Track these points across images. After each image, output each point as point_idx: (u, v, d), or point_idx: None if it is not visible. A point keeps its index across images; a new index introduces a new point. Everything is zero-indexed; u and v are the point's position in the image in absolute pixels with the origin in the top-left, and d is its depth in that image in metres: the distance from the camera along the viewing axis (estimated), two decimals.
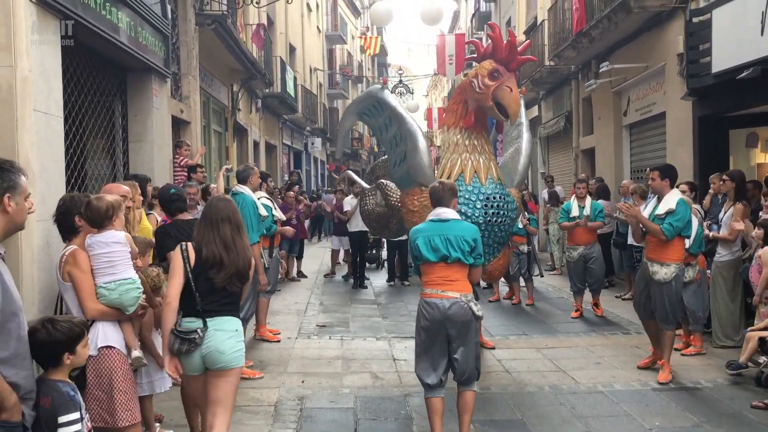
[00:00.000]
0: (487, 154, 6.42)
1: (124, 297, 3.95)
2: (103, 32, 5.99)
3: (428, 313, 4.56)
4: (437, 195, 4.77)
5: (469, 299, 4.58)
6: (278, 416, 5.35)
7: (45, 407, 3.01)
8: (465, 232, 4.63)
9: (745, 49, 7.54)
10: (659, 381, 6.08)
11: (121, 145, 7.36)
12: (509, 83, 6.04)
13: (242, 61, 12.62)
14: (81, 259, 3.95)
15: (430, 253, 4.58)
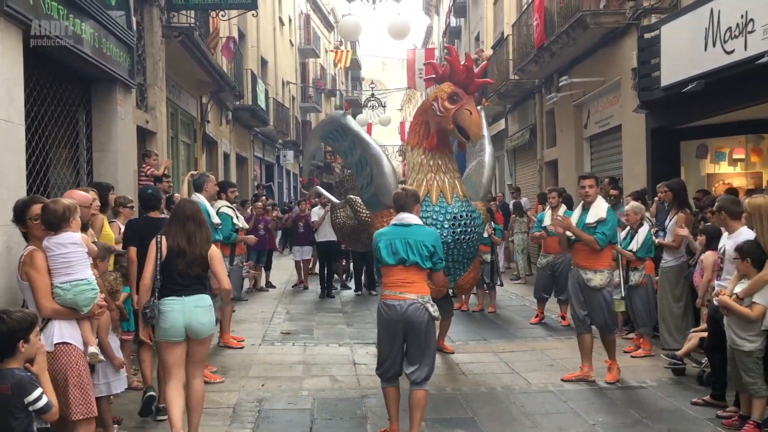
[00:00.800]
0: (451, 173, 6.55)
1: (79, 297, 4.08)
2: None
3: (386, 313, 4.77)
4: (401, 201, 4.97)
5: (426, 301, 4.75)
6: (236, 417, 5.48)
7: (6, 394, 3.15)
8: (425, 237, 4.81)
9: (690, 64, 7.90)
10: (607, 381, 6.26)
11: (85, 154, 7.47)
12: (468, 106, 6.17)
13: (211, 73, 12.77)
14: (37, 260, 4.08)
15: (390, 257, 4.77)
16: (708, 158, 9.90)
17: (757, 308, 4.85)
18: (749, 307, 4.89)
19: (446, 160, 6.57)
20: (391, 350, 4.84)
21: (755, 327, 4.91)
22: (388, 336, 4.83)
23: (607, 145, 12.16)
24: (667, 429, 5.13)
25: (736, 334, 5.01)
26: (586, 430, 5.18)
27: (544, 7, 12.64)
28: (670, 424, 5.23)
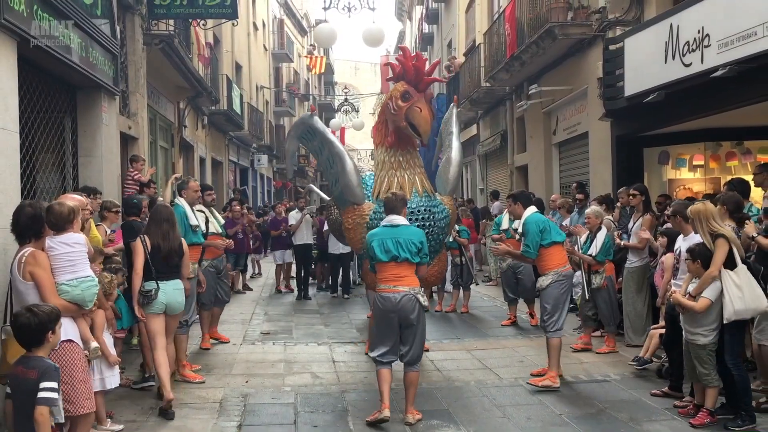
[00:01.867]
0: (413, 168, 6.87)
1: (86, 293, 4.32)
2: (56, 52, 6.33)
3: (382, 304, 5.38)
4: (391, 204, 5.59)
5: (417, 292, 5.40)
6: (223, 411, 5.75)
7: (31, 379, 3.43)
8: (413, 236, 5.48)
9: (651, 75, 8.34)
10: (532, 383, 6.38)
11: (71, 159, 7.66)
12: (419, 104, 6.50)
13: (189, 79, 12.98)
14: (42, 259, 4.31)
15: (383, 254, 5.40)
16: (669, 164, 10.38)
17: (702, 301, 5.25)
18: (699, 301, 5.29)
19: (408, 156, 6.89)
20: (387, 337, 5.41)
21: (708, 322, 5.31)
22: (385, 324, 5.41)
23: (575, 151, 12.62)
24: (628, 417, 5.51)
25: (691, 329, 5.41)
26: (553, 419, 5.54)
27: (515, 18, 13.08)
28: (630, 413, 5.61)
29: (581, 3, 11.11)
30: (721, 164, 9.98)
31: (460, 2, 21.88)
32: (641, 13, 9.96)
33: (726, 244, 5.20)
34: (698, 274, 5.33)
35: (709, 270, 5.25)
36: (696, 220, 5.39)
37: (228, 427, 5.37)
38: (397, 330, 5.41)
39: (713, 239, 5.24)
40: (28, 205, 4.53)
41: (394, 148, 6.90)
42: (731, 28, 6.83)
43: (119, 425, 5.26)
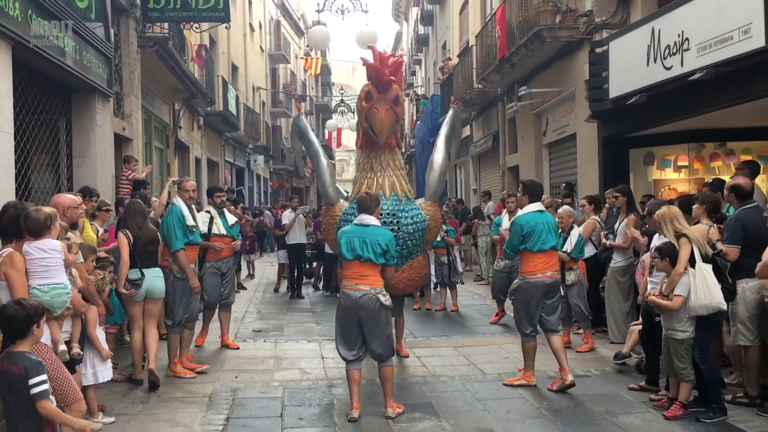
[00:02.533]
0: (388, 170, 6.80)
1: (55, 300, 4.44)
2: (50, 56, 6.50)
3: (344, 301, 5.51)
4: (364, 204, 5.65)
5: (378, 291, 5.45)
6: (212, 405, 5.91)
7: (15, 374, 3.57)
8: (379, 237, 5.52)
9: (634, 78, 8.52)
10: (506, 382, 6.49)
11: (65, 160, 7.83)
12: (378, 105, 6.46)
13: (183, 81, 13.15)
14: (17, 261, 4.39)
15: (348, 252, 5.50)
16: (655, 165, 10.55)
17: (677, 299, 5.44)
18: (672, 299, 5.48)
19: (384, 158, 6.81)
20: (349, 334, 5.52)
21: (684, 318, 5.49)
22: (346, 321, 5.54)
23: (565, 152, 12.80)
24: (604, 410, 5.68)
25: (669, 325, 5.59)
26: (532, 412, 5.72)
27: (505, 20, 13.26)
28: (607, 407, 5.78)
29: (569, 6, 11.28)
30: (705, 165, 10.16)
31: (454, 4, 22.07)
32: (627, 16, 10.14)
33: (688, 244, 5.42)
34: (668, 272, 5.53)
35: (675, 268, 5.46)
36: (661, 222, 5.63)
37: (216, 419, 5.53)
38: (358, 327, 5.48)
39: (677, 239, 5.46)
40: (12, 206, 4.64)
41: (368, 149, 6.89)
42: (709, 32, 7.01)
43: (110, 417, 5.42)
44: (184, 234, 6.75)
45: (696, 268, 5.43)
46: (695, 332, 5.50)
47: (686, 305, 5.45)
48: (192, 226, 6.95)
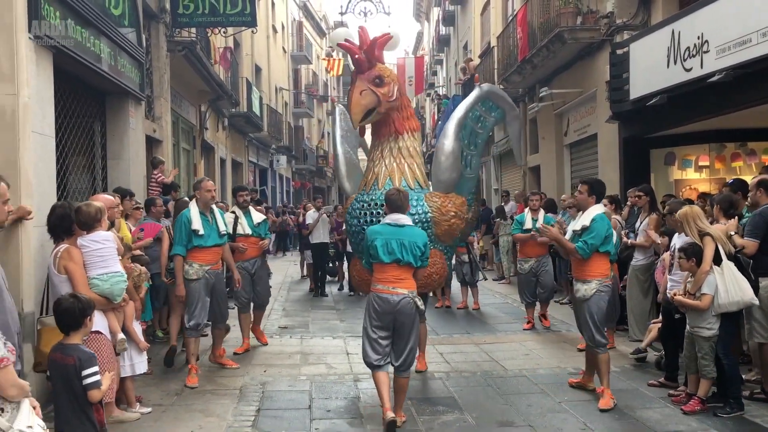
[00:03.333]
0: (401, 157, 6.39)
1: (115, 287, 4.73)
2: (88, 62, 6.76)
3: (379, 306, 5.22)
4: (396, 202, 5.36)
5: (414, 295, 5.26)
6: (243, 397, 6.15)
7: (70, 365, 3.82)
8: (417, 239, 5.31)
9: (654, 79, 8.63)
10: (600, 407, 5.73)
11: (100, 161, 8.11)
12: (352, 85, 6.26)
13: (210, 83, 13.44)
14: (75, 254, 4.76)
15: (386, 255, 5.22)
16: (676, 165, 10.64)
17: (705, 298, 5.58)
18: (699, 298, 5.62)
19: (389, 145, 6.41)
20: (380, 339, 5.27)
21: (710, 315, 5.63)
22: (379, 326, 5.26)
23: (586, 152, 12.90)
24: (623, 405, 5.82)
25: (695, 323, 5.72)
26: (553, 406, 5.88)
27: (526, 22, 13.39)
28: (626, 402, 5.93)
29: (590, 8, 11.40)
30: (727, 165, 10.22)
31: (476, 5, 22.19)
32: (648, 17, 10.25)
33: (713, 242, 5.55)
34: (694, 272, 5.66)
35: (701, 267, 5.59)
36: (684, 222, 5.74)
37: (248, 410, 5.77)
38: (390, 333, 5.29)
39: (701, 238, 5.59)
40: (59, 206, 5.00)
41: (374, 137, 6.57)
42: (728, 34, 7.11)
43: (147, 408, 5.68)
44: (188, 239, 6.60)
45: (722, 266, 5.56)
46: (719, 329, 5.63)
47: (713, 303, 5.59)
48: (196, 230, 6.61)
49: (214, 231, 6.79)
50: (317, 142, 41.23)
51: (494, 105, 7.04)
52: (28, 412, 3.00)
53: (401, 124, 6.43)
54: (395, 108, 6.37)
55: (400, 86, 6.45)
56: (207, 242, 6.70)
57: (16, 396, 2.97)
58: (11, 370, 2.91)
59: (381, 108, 6.24)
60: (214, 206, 6.96)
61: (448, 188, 6.56)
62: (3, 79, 5.24)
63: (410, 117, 6.57)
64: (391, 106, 6.30)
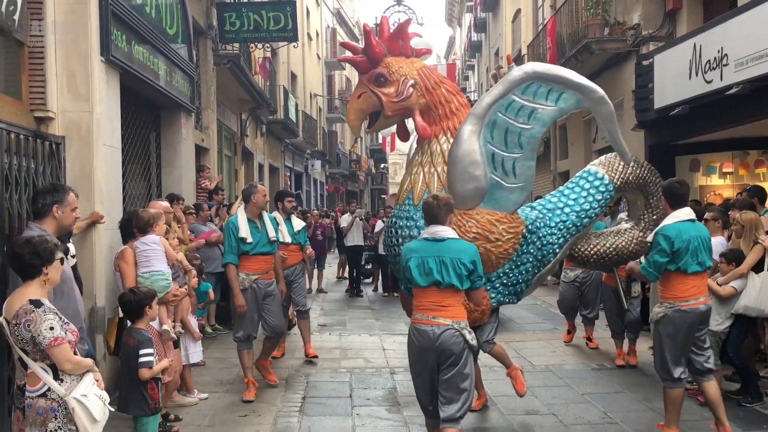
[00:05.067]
0: (420, 166, 5.40)
1: (155, 285, 5.27)
2: (148, 79, 7.41)
3: (417, 339, 4.29)
4: (433, 211, 4.40)
5: (463, 327, 4.23)
6: (289, 386, 6.73)
7: (131, 345, 4.44)
8: (462, 254, 4.26)
9: (677, 90, 8.99)
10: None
11: (155, 169, 8.76)
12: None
13: (251, 93, 14.10)
14: (127, 255, 5.40)
15: (422, 278, 4.26)
16: (700, 171, 10.95)
17: (728, 289, 6.00)
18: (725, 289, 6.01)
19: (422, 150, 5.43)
20: (423, 381, 4.42)
21: (726, 310, 6.02)
22: (419, 365, 4.39)
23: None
24: (642, 397, 6.28)
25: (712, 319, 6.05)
26: (576, 398, 6.34)
27: (555, 32, 13.80)
28: (645, 394, 6.37)
29: (617, 19, 11.77)
30: (750, 171, 10.51)
31: (507, 12, 22.60)
32: (673, 29, 10.60)
33: (761, 252, 5.96)
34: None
35: (740, 267, 5.98)
36: (747, 225, 6.11)
37: (294, 398, 6.34)
38: (435, 373, 4.31)
39: (753, 244, 5.98)
40: (127, 212, 5.64)
41: (418, 142, 5.63)
42: (746, 49, 7.47)
43: (204, 394, 6.28)
44: (237, 246, 6.32)
45: (762, 275, 5.90)
46: (732, 330, 6.03)
47: (732, 301, 5.97)
48: (243, 238, 6.33)
49: (264, 238, 6.46)
50: (350, 147, 41.89)
51: (553, 89, 5.19)
52: (87, 383, 3.46)
53: (437, 123, 5.37)
54: (423, 107, 5.35)
55: (426, 81, 5.38)
56: (254, 250, 6.38)
57: (71, 370, 3.40)
58: (66, 347, 3.35)
59: (386, 111, 5.35)
60: (265, 212, 6.68)
61: (467, 202, 5.22)
62: (80, 98, 5.87)
63: (451, 114, 5.37)
64: (404, 106, 5.33)
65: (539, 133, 5.26)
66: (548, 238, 5.54)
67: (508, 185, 5.27)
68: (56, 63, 5.77)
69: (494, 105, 5.18)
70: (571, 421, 5.72)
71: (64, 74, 5.82)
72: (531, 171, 5.34)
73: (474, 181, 5.17)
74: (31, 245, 3.48)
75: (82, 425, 3.35)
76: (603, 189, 5.81)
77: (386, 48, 5.43)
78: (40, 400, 3.36)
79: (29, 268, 3.47)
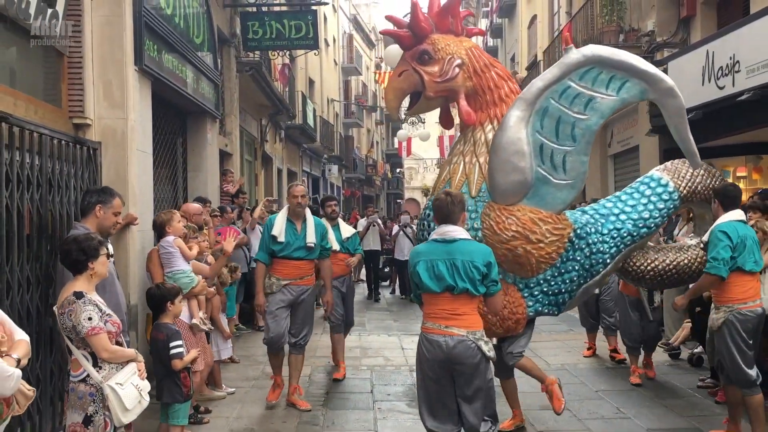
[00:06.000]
0: (462, 155, 4.99)
1: (179, 283, 5.54)
2: (177, 86, 7.71)
3: (428, 351, 3.93)
4: (444, 209, 4.03)
5: (479, 337, 3.90)
6: (312, 382, 6.99)
7: (161, 339, 4.72)
8: (475, 256, 3.91)
9: (691, 96, 9.15)
10: None
11: (182, 173, 9.07)
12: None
13: (272, 99, 14.42)
14: (153, 256, 5.71)
15: (433, 282, 3.92)
16: None
17: None
18: None
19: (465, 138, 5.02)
20: (436, 398, 4.03)
21: None
22: (431, 380, 3.99)
23: (628, 162, 13.44)
24: (653, 395, 6.47)
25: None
26: (590, 395, 6.54)
27: (571, 38, 13.99)
28: (656, 392, 6.56)
29: (632, 26, 11.97)
30: (764, 175, 10.65)
31: (523, 18, 22.81)
32: (687, 36, 10.79)
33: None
34: None
35: None
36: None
37: (318, 393, 6.60)
38: (450, 389, 3.98)
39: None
40: (156, 215, 5.92)
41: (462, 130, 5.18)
42: (757, 56, 7.66)
43: (232, 388, 6.56)
44: (268, 245, 6.12)
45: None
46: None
47: None
48: (275, 236, 6.07)
49: (299, 242, 6.09)
50: (367, 152, 42.22)
51: (615, 76, 4.73)
52: (127, 372, 3.70)
53: (483, 110, 4.93)
54: (469, 90, 4.94)
55: (476, 62, 4.95)
56: (284, 252, 6.05)
57: (109, 359, 3.65)
58: (103, 337, 3.59)
59: (428, 92, 4.91)
60: (309, 215, 6.25)
61: (508, 197, 4.76)
62: (115, 105, 6.18)
63: (500, 101, 4.93)
64: (448, 88, 4.90)
65: (596, 125, 4.79)
66: (598, 246, 4.97)
67: (556, 181, 4.77)
68: (93, 72, 6.08)
69: (547, 90, 4.69)
70: (585, 416, 5.93)
71: (100, 83, 6.13)
72: (583, 167, 4.85)
73: (517, 173, 4.67)
74: (77, 242, 3.76)
75: (114, 411, 3.59)
76: (666, 197, 5.26)
77: (434, 24, 4.97)
78: (81, 385, 3.62)
79: (76, 263, 3.74)
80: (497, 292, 4.01)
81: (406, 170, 60.59)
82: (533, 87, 4.70)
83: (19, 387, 2.80)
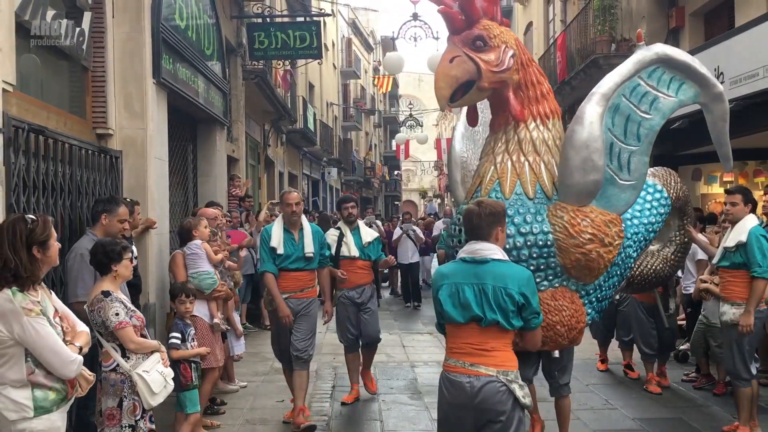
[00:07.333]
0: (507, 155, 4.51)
1: (202, 283, 5.94)
2: (190, 97, 8.12)
3: (450, 393, 3.31)
4: (474, 221, 3.41)
5: (511, 379, 3.23)
6: (319, 377, 7.40)
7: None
8: (509, 282, 3.25)
9: None
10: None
11: (192, 179, 9.47)
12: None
13: (275, 105, 14.84)
14: (177, 259, 6.08)
15: (456, 311, 3.31)
16: (702, 180, 11.56)
17: None
18: None
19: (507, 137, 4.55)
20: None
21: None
22: (449, 426, 3.38)
23: None
24: (640, 388, 6.89)
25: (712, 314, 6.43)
26: (581, 389, 6.95)
27: (565, 47, 14.44)
28: (642, 385, 6.98)
29: (623, 36, 12.40)
30: (749, 180, 11.10)
31: (519, 25, 23.22)
32: (676, 46, 11.21)
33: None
34: None
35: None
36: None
37: (324, 387, 7.02)
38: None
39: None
40: (185, 221, 6.33)
41: (490, 126, 4.83)
42: (740, 68, 8.11)
43: (244, 382, 6.96)
44: (268, 257, 5.88)
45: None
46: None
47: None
48: (274, 248, 5.83)
49: (297, 252, 5.84)
50: (365, 154, 42.65)
51: (675, 77, 4.69)
52: (152, 361, 4.05)
53: (525, 106, 4.50)
54: (515, 84, 4.47)
55: (522, 54, 4.53)
56: (282, 264, 5.81)
57: (135, 350, 3.99)
58: (129, 330, 3.95)
59: (483, 82, 4.32)
60: (305, 223, 6.03)
61: (583, 197, 4.41)
62: (136, 116, 6.59)
63: (542, 98, 4.58)
64: (501, 79, 4.38)
65: (658, 126, 4.63)
66: (628, 250, 4.72)
67: (621, 182, 4.52)
68: (115, 86, 6.49)
69: (620, 86, 4.55)
70: (575, 407, 6.31)
71: (121, 95, 6.53)
72: (645, 168, 4.64)
73: (595, 173, 4.34)
74: (102, 247, 4.15)
75: (143, 396, 3.96)
76: (664, 203, 5.22)
77: (482, 9, 4.46)
78: (112, 374, 3.99)
79: (101, 265, 4.13)
80: (538, 326, 3.35)
81: (404, 173, 61.09)
82: (610, 81, 4.55)
83: (81, 371, 3.20)
